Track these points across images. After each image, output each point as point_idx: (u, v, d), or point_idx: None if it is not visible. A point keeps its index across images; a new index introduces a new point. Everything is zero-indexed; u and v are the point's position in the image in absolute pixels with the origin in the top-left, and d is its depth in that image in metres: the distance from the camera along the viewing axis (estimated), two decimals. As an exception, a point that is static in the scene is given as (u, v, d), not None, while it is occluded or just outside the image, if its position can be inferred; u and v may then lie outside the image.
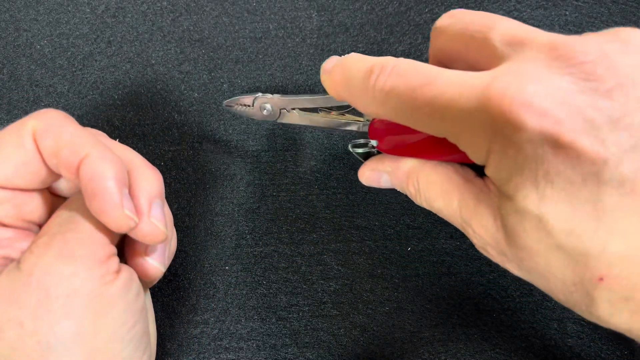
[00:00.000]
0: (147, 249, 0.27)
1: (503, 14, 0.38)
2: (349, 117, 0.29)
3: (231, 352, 0.33)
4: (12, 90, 0.37)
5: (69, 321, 0.21)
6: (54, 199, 0.27)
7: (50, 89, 0.37)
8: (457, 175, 0.24)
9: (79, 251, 0.22)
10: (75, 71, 0.37)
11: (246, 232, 0.35)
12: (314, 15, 0.38)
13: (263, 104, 0.31)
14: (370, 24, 0.38)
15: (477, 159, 0.21)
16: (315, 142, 0.36)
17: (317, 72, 0.37)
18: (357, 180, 0.35)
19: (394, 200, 0.35)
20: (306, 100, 0.30)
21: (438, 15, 0.39)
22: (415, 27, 0.38)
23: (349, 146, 0.28)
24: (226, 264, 0.34)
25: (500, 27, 0.21)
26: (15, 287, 0.21)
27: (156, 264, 0.27)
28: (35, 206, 0.25)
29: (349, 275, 0.34)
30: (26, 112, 0.37)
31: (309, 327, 0.33)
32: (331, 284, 0.34)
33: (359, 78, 0.23)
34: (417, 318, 0.33)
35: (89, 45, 0.38)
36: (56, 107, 0.37)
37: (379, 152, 0.28)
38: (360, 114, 0.29)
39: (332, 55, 0.27)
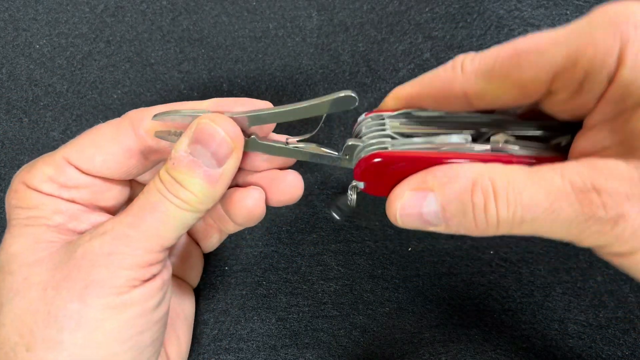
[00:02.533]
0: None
1: (504, 14, 0.38)
2: (319, 149, 0.26)
3: (231, 353, 0.33)
4: (11, 90, 0.37)
5: (82, 304, 0.22)
6: (135, 186, 0.29)
7: (50, 89, 0.37)
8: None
9: (123, 248, 0.23)
10: (74, 71, 0.37)
11: (246, 232, 0.35)
12: (314, 14, 0.38)
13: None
14: (371, 23, 0.38)
15: None
16: (315, 142, 0.36)
17: (317, 72, 0.37)
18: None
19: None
20: (263, 115, 0.24)
21: (438, 15, 0.39)
22: (415, 26, 0.38)
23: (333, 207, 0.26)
24: (226, 264, 0.34)
25: None
26: (64, 262, 0.23)
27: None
28: (111, 195, 0.27)
29: (349, 276, 0.34)
30: (25, 112, 0.37)
31: (309, 328, 0.33)
32: (331, 284, 0.34)
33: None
34: (418, 319, 0.33)
35: (88, 45, 0.38)
36: (55, 106, 0.37)
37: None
38: (332, 148, 0.26)
39: (331, 55, 0.26)
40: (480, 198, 0.20)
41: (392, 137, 0.24)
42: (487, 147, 0.22)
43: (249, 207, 0.27)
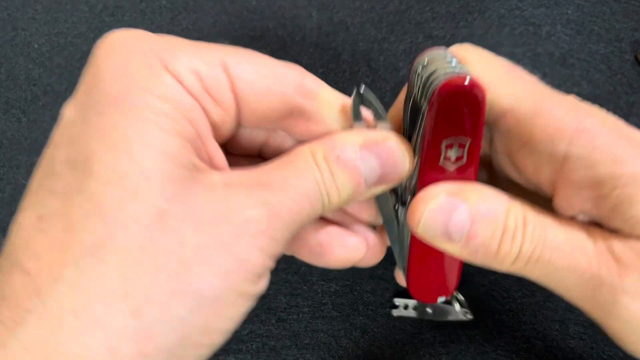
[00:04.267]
0: None
1: (504, 13, 0.38)
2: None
3: (230, 354, 0.33)
4: (10, 90, 0.37)
5: (222, 282, 0.17)
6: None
7: (48, 88, 0.37)
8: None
9: (276, 232, 0.18)
10: (73, 70, 0.37)
11: (246, 232, 0.34)
12: (313, 13, 0.38)
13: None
14: (371, 22, 0.38)
15: None
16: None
17: (317, 71, 0.37)
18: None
19: (395, 201, 0.35)
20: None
21: (439, 14, 0.39)
22: (416, 25, 0.38)
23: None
24: (225, 265, 0.34)
25: None
26: (201, 202, 0.17)
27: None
28: (224, 137, 0.21)
29: (349, 276, 0.34)
30: (24, 112, 0.37)
31: (309, 329, 0.33)
32: (331, 284, 0.34)
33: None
34: (418, 319, 0.33)
35: (87, 44, 0.38)
36: (54, 106, 0.37)
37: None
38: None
39: (331, 54, 0.25)
40: (513, 223, 0.19)
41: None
42: None
43: (353, 255, 0.23)
